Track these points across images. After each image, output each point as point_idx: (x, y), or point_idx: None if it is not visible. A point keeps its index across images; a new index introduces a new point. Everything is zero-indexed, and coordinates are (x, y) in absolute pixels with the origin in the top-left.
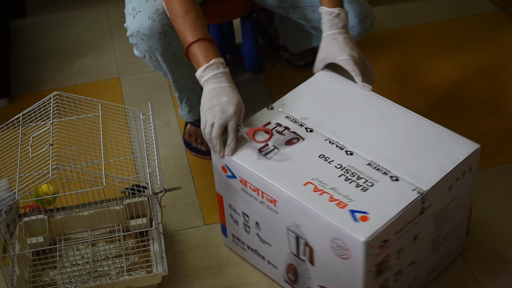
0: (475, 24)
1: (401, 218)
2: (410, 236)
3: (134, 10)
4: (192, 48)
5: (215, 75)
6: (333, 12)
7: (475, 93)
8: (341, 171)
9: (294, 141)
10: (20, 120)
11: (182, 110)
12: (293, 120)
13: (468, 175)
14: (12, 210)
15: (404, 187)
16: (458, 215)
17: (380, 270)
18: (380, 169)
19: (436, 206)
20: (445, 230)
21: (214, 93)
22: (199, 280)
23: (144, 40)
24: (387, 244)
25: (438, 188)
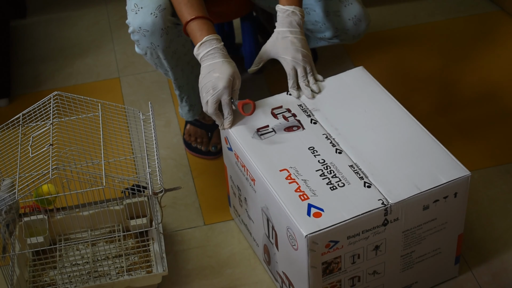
0: (475, 24)
1: (356, 224)
2: (370, 245)
3: (136, 7)
4: (188, 27)
5: (208, 52)
6: (287, 10)
7: (475, 93)
8: (321, 166)
9: (294, 129)
10: (20, 120)
11: (182, 109)
12: (304, 110)
13: (453, 200)
14: (12, 210)
15: (371, 195)
16: (441, 239)
17: (330, 269)
18: (359, 173)
19: (406, 223)
20: (421, 250)
21: (207, 71)
22: (199, 280)
23: (146, 36)
24: (337, 246)
25: (408, 205)
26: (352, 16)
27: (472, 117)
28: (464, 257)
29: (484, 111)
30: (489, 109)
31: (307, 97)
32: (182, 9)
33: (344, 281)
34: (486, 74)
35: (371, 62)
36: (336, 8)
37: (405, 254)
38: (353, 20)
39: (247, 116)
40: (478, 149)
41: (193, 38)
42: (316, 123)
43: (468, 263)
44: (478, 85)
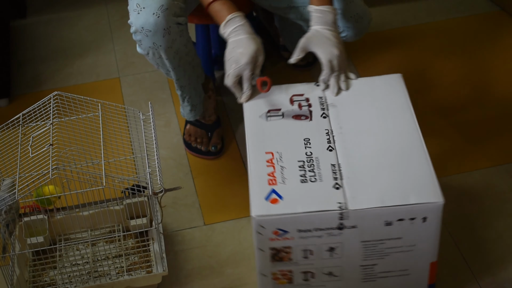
0: (475, 24)
1: (308, 220)
2: (324, 245)
3: (139, 6)
4: (212, 8)
5: (234, 29)
6: (321, 10)
7: (474, 93)
8: (306, 158)
9: (301, 118)
10: (20, 120)
11: (184, 109)
12: (321, 102)
13: (421, 224)
14: (12, 210)
15: (334, 197)
16: (409, 262)
17: (279, 257)
18: (337, 173)
19: (365, 233)
20: (384, 266)
21: (232, 46)
22: (199, 280)
23: (148, 36)
24: (286, 236)
25: (367, 216)
26: (354, 14)
27: (472, 117)
28: (464, 257)
29: (484, 111)
30: (489, 109)
31: (332, 94)
32: None
33: (296, 273)
34: (486, 74)
35: (371, 62)
36: (337, 6)
37: (365, 265)
38: (355, 17)
39: (264, 93)
40: (478, 149)
41: (217, 17)
42: (326, 117)
43: (468, 263)
44: (478, 85)
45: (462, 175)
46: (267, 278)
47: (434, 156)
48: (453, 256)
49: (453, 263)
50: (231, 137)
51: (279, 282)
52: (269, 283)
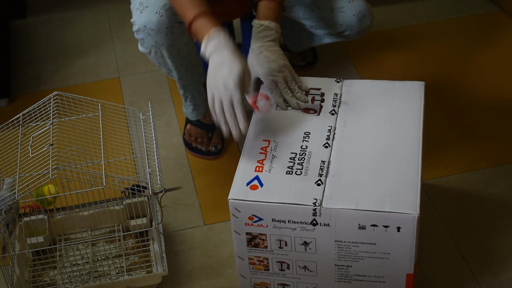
0: (475, 24)
1: (282, 211)
2: (298, 238)
3: (142, 5)
4: (192, 28)
5: (215, 48)
6: (261, 25)
7: (474, 93)
8: (299, 151)
9: (310, 112)
10: (20, 120)
11: (187, 108)
12: (335, 99)
13: (395, 234)
14: (12, 209)
15: (312, 192)
16: (384, 270)
17: (255, 242)
18: (324, 170)
19: (338, 233)
20: (359, 270)
21: (215, 68)
22: (199, 280)
23: (151, 35)
24: (261, 223)
25: (340, 216)
26: (356, 12)
27: (472, 117)
28: (464, 257)
29: (484, 111)
30: (489, 109)
31: (293, 108)
32: (183, 10)
33: (272, 262)
34: (486, 74)
35: (371, 62)
36: (341, 4)
37: (340, 265)
38: (358, 15)
39: None
40: (478, 149)
41: (199, 36)
42: (334, 114)
43: (468, 263)
44: (478, 85)
45: (462, 175)
46: (244, 262)
47: (434, 156)
48: (453, 256)
49: (453, 263)
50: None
51: (255, 268)
52: (246, 267)
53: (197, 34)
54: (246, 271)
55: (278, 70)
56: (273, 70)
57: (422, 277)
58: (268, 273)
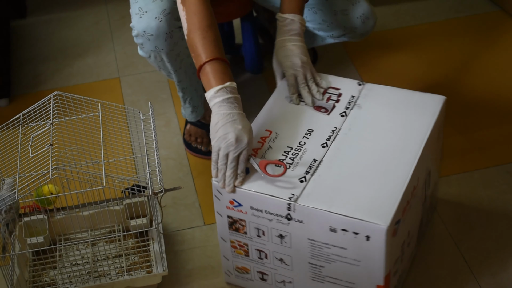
0: (475, 24)
1: (259, 200)
2: (274, 230)
3: (141, 10)
4: (207, 67)
5: (228, 99)
6: (286, 19)
7: (474, 93)
8: (296, 146)
9: (321, 110)
10: (20, 120)
11: (186, 110)
12: (350, 101)
13: (364, 241)
14: (12, 209)
15: (292, 188)
16: (355, 276)
17: (236, 227)
18: (312, 168)
19: (310, 231)
20: (331, 272)
21: (227, 119)
22: (199, 280)
23: (150, 40)
24: (240, 208)
25: (312, 215)
26: (360, 14)
27: (472, 116)
28: (464, 256)
29: (484, 111)
30: (489, 108)
31: (308, 105)
32: (203, 46)
33: (251, 248)
34: (486, 74)
35: (371, 62)
36: (344, 7)
37: (314, 264)
38: (361, 18)
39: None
40: (478, 149)
41: (210, 79)
42: (343, 116)
43: (468, 263)
44: (478, 85)
45: (462, 175)
46: (226, 244)
47: None
48: (453, 256)
49: (453, 263)
50: None
51: (236, 251)
52: (228, 250)
53: (209, 75)
54: (229, 253)
55: (300, 65)
56: (295, 64)
57: (422, 277)
58: (248, 259)
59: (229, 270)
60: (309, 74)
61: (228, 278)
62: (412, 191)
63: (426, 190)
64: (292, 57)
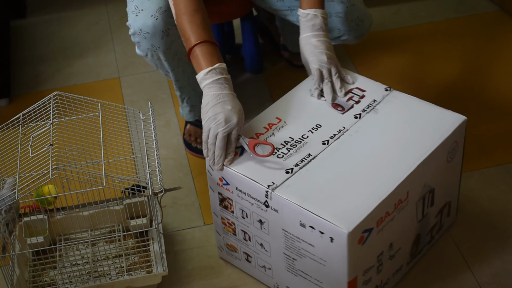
0: (475, 24)
1: (243, 183)
2: (255, 214)
3: (137, 9)
4: (196, 50)
5: (218, 80)
6: (308, 14)
7: (475, 93)
8: (297, 138)
9: (337, 108)
10: (20, 120)
11: (183, 110)
12: (370, 105)
13: (328, 242)
14: (12, 209)
15: (276, 177)
16: (322, 275)
17: (224, 204)
18: (303, 162)
19: (284, 222)
20: (302, 267)
21: (216, 100)
22: (199, 280)
23: (146, 38)
24: (228, 187)
25: (285, 206)
26: (354, 17)
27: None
28: (464, 256)
29: (484, 111)
30: (489, 109)
31: (329, 102)
32: (190, 30)
33: (237, 228)
34: (486, 73)
35: (371, 63)
36: (338, 9)
37: (288, 256)
38: (356, 21)
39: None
40: (478, 149)
41: (199, 62)
42: (357, 118)
43: (468, 263)
44: (478, 84)
45: (462, 175)
46: (218, 220)
47: None
48: (453, 256)
49: (453, 263)
50: None
51: (226, 229)
52: (220, 226)
53: (198, 58)
54: (220, 229)
55: (326, 60)
56: (320, 60)
57: (422, 277)
58: (236, 239)
59: (221, 246)
60: (334, 69)
61: (220, 253)
62: (397, 204)
63: (425, 207)
64: (317, 52)
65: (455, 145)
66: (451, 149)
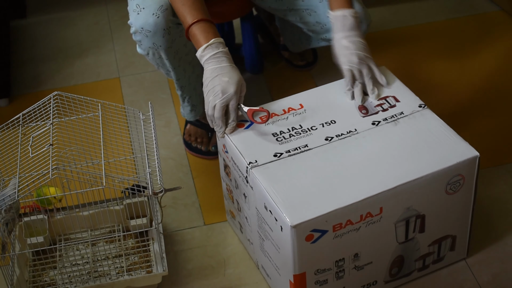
0: (475, 24)
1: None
2: (241, 187)
3: (138, 7)
4: (192, 29)
5: (215, 54)
6: (338, 16)
7: (475, 93)
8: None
9: (361, 110)
10: (20, 120)
11: (184, 109)
12: (394, 116)
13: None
14: (11, 209)
15: (261, 157)
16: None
17: (227, 172)
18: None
19: (256, 201)
20: (268, 248)
21: (214, 73)
22: (199, 280)
23: (148, 37)
24: (227, 155)
25: (256, 186)
26: None
27: (472, 116)
28: (464, 257)
29: (484, 111)
30: (489, 109)
31: (358, 103)
32: (185, 12)
33: (234, 197)
34: (486, 74)
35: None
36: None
37: (259, 234)
38: None
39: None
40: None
41: (197, 40)
42: (374, 125)
43: (468, 263)
44: (478, 85)
45: None
46: (224, 184)
47: None
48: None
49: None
50: None
51: (229, 195)
52: (225, 191)
53: (195, 38)
54: (226, 194)
55: (356, 61)
56: (351, 61)
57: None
58: (233, 207)
59: (228, 210)
60: (365, 69)
61: (227, 218)
62: (364, 216)
63: (410, 231)
64: (347, 53)
65: (460, 179)
66: (452, 181)
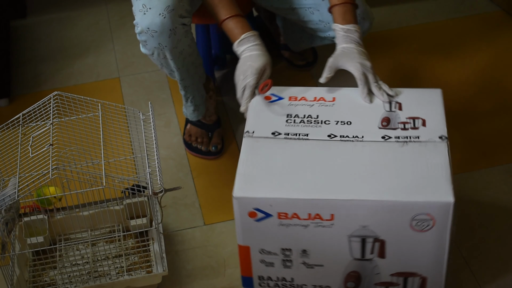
0: (475, 24)
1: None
2: None
3: (145, 7)
4: (224, 27)
5: (247, 47)
6: (347, 29)
7: (475, 93)
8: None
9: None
10: (20, 120)
11: (187, 109)
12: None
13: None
14: (11, 209)
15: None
16: None
17: None
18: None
19: None
20: None
21: (242, 62)
22: (199, 280)
23: (154, 37)
24: None
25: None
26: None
27: (472, 116)
28: (464, 257)
29: (484, 111)
30: (489, 109)
31: (382, 101)
32: (218, 8)
33: None
34: (486, 74)
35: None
36: None
37: None
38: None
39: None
40: (478, 149)
41: (232, 34)
42: (384, 138)
43: (468, 263)
44: (478, 84)
45: (462, 175)
46: None
47: None
48: (453, 256)
49: (453, 263)
50: (231, 137)
51: None
52: None
53: (230, 32)
54: None
55: (370, 66)
56: (365, 64)
57: None
58: None
59: None
60: (371, 77)
61: None
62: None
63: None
64: (361, 58)
65: (428, 219)
66: (418, 218)
